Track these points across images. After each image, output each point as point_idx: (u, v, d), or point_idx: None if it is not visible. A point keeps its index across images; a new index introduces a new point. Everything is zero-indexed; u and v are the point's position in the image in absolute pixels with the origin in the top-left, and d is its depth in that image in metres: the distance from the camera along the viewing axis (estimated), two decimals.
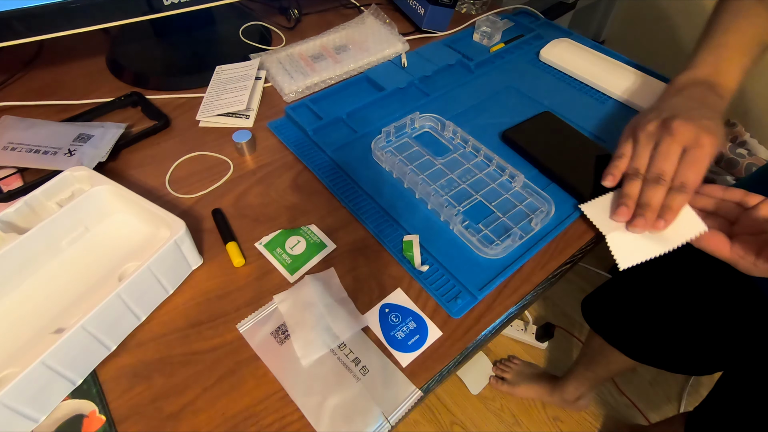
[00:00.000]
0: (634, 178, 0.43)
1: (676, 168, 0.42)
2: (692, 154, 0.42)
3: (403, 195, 0.49)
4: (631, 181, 0.43)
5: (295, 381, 0.35)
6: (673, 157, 0.42)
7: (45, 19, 0.50)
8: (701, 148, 0.41)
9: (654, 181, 0.42)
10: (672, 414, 1.07)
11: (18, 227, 0.40)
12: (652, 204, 0.41)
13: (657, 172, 0.42)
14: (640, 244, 0.42)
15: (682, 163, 0.42)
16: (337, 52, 0.66)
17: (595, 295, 0.79)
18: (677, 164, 0.42)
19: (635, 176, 0.43)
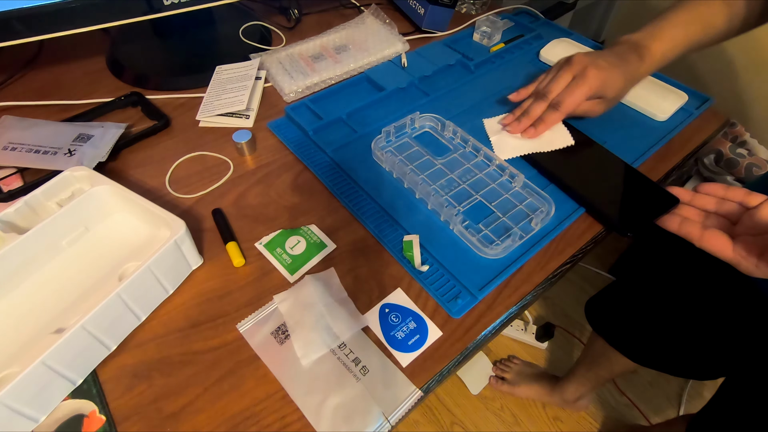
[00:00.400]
0: (530, 98, 0.53)
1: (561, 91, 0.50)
2: (575, 81, 0.50)
3: (403, 195, 0.49)
4: (528, 100, 0.54)
5: (295, 381, 0.35)
6: (561, 82, 0.51)
7: (45, 19, 0.50)
8: (583, 78, 0.49)
9: (538, 97, 0.52)
10: (672, 414, 1.07)
11: (18, 227, 0.40)
12: (530, 114, 0.52)
13: (544, 91, 0.52)
14: (515, 144, 0.52)
15: (566, 88, 0.50)
16: (337, 52, 0.66)
17: (599, 297, 0.79)
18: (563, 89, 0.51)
19: (532, 95, 0.54)
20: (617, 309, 0.75)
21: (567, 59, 0.52)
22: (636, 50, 0.51)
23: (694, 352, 0.65)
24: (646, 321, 0.69)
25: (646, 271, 0.71)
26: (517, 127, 0.52)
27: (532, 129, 0.51)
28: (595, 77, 0.49)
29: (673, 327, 0.65)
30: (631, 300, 0.72)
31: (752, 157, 0.95)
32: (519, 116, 0.53)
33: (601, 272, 1.30)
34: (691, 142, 0.57)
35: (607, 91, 0.50)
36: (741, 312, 0.59)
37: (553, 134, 0.52)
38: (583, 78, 0.49)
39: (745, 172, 0.95)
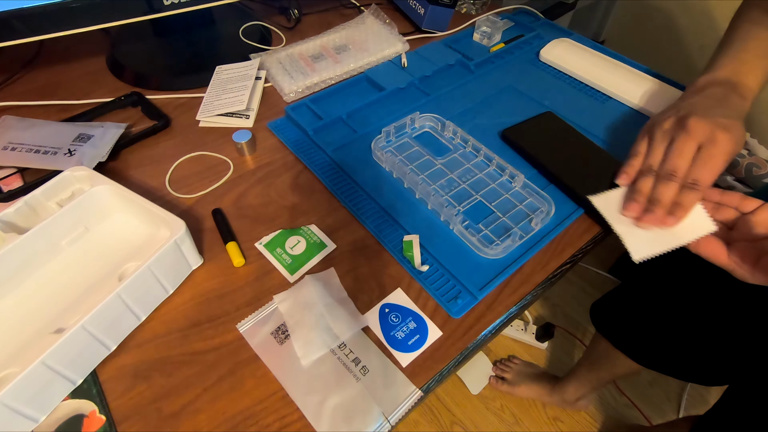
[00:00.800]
0: (647, 175, 0.43)
1: (690, 165, 0.41)
2: (706, 151, 0.41)
3: (403, 195, 0.49)
4: (643, 177, 0.43)
5: (295, 381, 0.35)
6: (687, 154, 0.42)
7: (45, 19, 0.50)
8: (716, 146, 0.41)
9: (666, 178, 0.41)
10: (672, 414, 1.07)
11: (18, 227, 0.40)
12: (663, 200, 0.41)
13: (669, 168, 0.42)
14: (651, 239, 0.41)
15: (695, 161, 0.41)
16: (337, 52, 0.66)
17: (605, 300, 0.79)
18: (691, 162, 0.42)
19: (648, 173, 0.43)
20: (623, 312, 0.75)
21: (678, 124, 0.44)
22: (734, 91, 0.47)
23: (700, 356, 0.65)
24: (652, 324, 0.69)
25: (652, 274, 0.71)
26: (653, 219, 0.41)
27: (671, 218, 0.40)
28: (729, 141, 0.41)
29: (679, 330, 0.65)
30: (638, 303, 0.72)
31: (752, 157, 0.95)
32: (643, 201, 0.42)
33: (601, 272, 1.30)
34: None
35: (738, 149, 0.43)
36: (748, 317, 0.59)
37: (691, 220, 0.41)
38: (715, 146, 0.41)
39: (745, 172, 0.95)
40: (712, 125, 0.42)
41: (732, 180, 0.98)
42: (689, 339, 0.65)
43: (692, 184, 0.41)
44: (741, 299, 0.59)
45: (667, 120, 0.45)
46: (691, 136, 0.42)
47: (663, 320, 0.67)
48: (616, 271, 1.28)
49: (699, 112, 0.43)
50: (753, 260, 0.36)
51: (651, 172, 0.43)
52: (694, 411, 1.07)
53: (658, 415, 1.07)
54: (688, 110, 0.44)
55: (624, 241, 0.42)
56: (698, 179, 0.41)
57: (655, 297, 0.69)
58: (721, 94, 0.46)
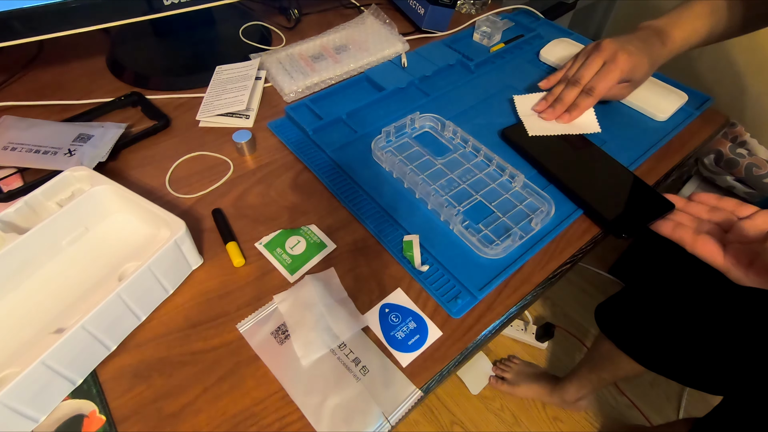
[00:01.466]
0: (561, 83, 0.55)
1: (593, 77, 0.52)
2: (606, 66, 0.52)
3: (403, 195, 0.49)
4: (558, 85, 0.56)
5: (295, 381, 0.35)
6: (592, 67, 0.53)
7: (45, 19, 0.50)
8: (614, 63, 0.51)
9: (571, 83, 0.54)
10: (672, 414, 1.07)
11: (18, 227, 0.40)
12: (564, 100, 0.54)
13: (576, 77, 0.54)
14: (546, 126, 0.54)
15: (597, 73, 0.52)
16: (337, 52, 0.66)
17: (610, 302, 0.79)
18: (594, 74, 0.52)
19: (563, 81, 0.55)
20: (628, 314, 0.75)
21: (595, 45, 0.54)
22: (658, 36, 0.53)
23: (703, 360, 0.65)
24: (657, 326, 0.69)
25: (657, 277, 0.71)
26: (552, 114, 0.54)
27: (566, 114, 0.53)
28: (626, 62, 0.51)
29: (684, 333, 0.65)
30: (643, 305, 0.72)
31: (752, 157, 0.95)
32: (552, 102, 0.54)
33: (601, 272, 1.30)
34: (691, 142, 0.57)
35: (636, 75, 0.52)
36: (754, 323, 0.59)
37: (583, 119, 0.54)
38: (614, 63, 0.51)
39: (745, 172, 0.95)
40: (617, 47, 0.52)
41: (732, 180, 0.98)
42: (694, 342, 0.65)
43: (588, 89, 0.53)
44: (747, 304, 0.59)
45: (593, 43, 0.55)
46: (600, 54, 0.52)
47: (668, 323, 0.67)
48: (616, 271, 1.28)
49: (618, 40, 0.53)
50: (747, 262, 0.37)
51: (563, 81, 0.55)
52: (694, 412, 1.07)
53: (658, 416, 1.07)
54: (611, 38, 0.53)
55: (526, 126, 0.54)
56: (593, 86, 0.52)
57: (661, 300, 0.69)
58: (646, 35, 0.54)
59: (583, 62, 0.54)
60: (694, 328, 0.64)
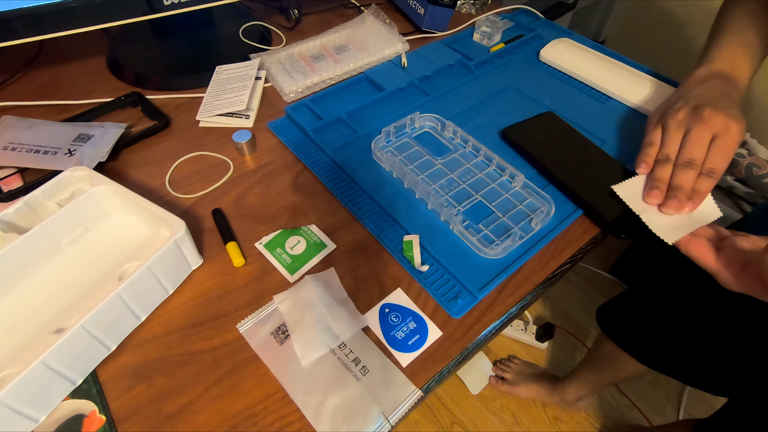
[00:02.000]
0: (666, 163, 0.45)
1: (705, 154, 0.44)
2: (721, 141, 0.44)
3: (403, 195, 0.49)
4: (663, 165, 0.45)
5: (295, 381, 0.35)
6: (704, 143, 0.44)
7: (45, 19, 0.50)
8: (729, 136, 0.44)
9: (685, 166, 0.44)
10: (672, 414, 1.07)
11: (18, 227, 0.40)
12: (684, 187, 0.44)
13: (689, 157, 0.44)
14: (674, 223, 0.44)
15: (711, 150, 0.44)
16: (337, 52, 0.66)
17: (612, 303, 0.79)
18: (707, 150, 0.44)
19: (666, 161, 0.45)
20: (630, 314, 0.75)
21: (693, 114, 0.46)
22: (731, 83, 0.49)
23: (706, 359, 0.65)
24: (659, 326, 0.69)
25: (659, 277, 0.71)
26: (678, 206, 0.43)
27: (691, 203, 0.43)
28: (740, 132, 0.44)
29: (687, 333, 0.65)
30: (645, 306, 0.72)
31: (752, 157, 0.95)
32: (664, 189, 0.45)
33: (602, 272, 1.30)
34: None
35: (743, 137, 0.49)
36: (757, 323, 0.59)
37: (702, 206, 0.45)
38: (729, 135, 0.44)
39: (745, 172, 0.95)
40: (726, 116, 0.44)
41: (732, 180, 0.98)
42: (697, 342, 0.65)
43: (709, 171, 0.44)
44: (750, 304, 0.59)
45: (680, 110, 0.47)
46: (707, 126, 0.44)
47: (671, 323, 0.67)
48: (616, 271, 1.28)
49: (710, 103, 0.46)
50: (739, 267, 0.37)
51: (668, 160, 0.45)
52: (694, 412, 1.07)
53: (658, 416, 1.07)
54: (698, 101, 0.47)
55: (651, 227, 0.44)
56: (714, 167, 0.44)
57: (663, 300, 0.69)
58: (720, 85, 0.48)
59: (690, 137, 0.45)
60: (697, 328, 0.64)
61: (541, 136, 0.54)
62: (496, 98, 0.61)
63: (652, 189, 0.45)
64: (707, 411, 0.68)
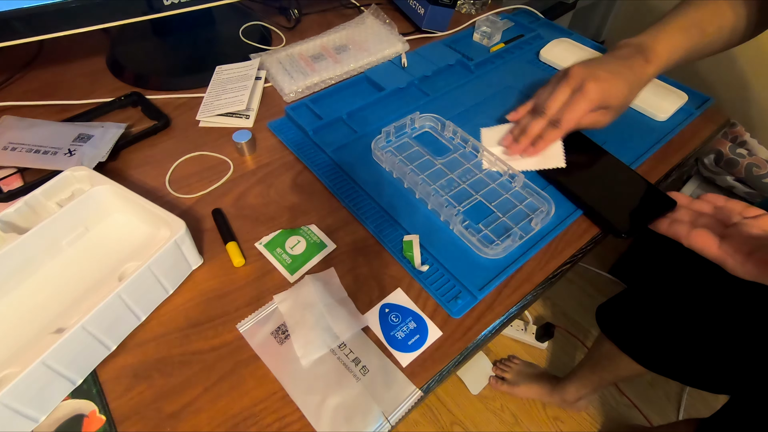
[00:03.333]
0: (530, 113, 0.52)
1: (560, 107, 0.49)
2: (574, 97, 0.48)
3: (403, 195, 0.49)
4: (527, 116, 0.52)
5: (295, 381, 0.35)
6: (559, 98, 0.49)
7: (45, 19, 0.50)
8: (582, 93, 0.47)
9: (537, 115, 0.50)
10: (672, 414, 1.07)
11: (18, 227, 0.40)
12: (529, 133, 0.50)
13: (542, 108, 0.49)
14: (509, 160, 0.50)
15: (565, 103, 0.48)
16: (337, 52, 0.66)
17: (611, 303, 0.79)
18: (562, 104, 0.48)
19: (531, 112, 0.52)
20: (629, 315, 0.75)
21: (564, 72, 0.50)
22: (641, 52, 0.49)
23: (706, 361, 0.65)
24: (659, 327, 0.69)
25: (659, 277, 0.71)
26: (517, 149, 0.50)
27: (531, 148, 0.50)
28: (595, 90, 0.47)
29: (686, 334, 0.65)
30: (644, 306, 0.72)
31: (752, 157, 0.95)
32: (517, 135, 0.51)
33: (602, 272, 1.30)
34: (691, 142, 0.57)
35: (611, 101, 0.48)
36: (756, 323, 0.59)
37: (549, 152, 0.50)
38: (582, 92, 0.47)
39: (745, 172, 0.95)
40: (585, 74, 0.48)
41: (732, 180, 0.98)
42: (696, 343, 0.64)
43: (555, 122, 0.49)
44: (750, 302, 0.59)
45: (563, 70, 0.51)
46: (567, 82, 0.48)
47: (670, 324, 0.67)
48: (616, 271, 1.28)
49: (588, 63, 0.49)
50: (745, 253, 0.37)
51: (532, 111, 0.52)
52: (694, 412, 1.07)
53: (658, 416, 1.07)
54: (583, 62, 0.50)
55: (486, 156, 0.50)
56: (560, 119, 0.48)
57: (662, 300, 0.69)
58: (627, 53, 0.50)
59: (551, 91, 0.49)
60: (697, 328, 0.64)
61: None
62: (496, 98, 0.61)
63: (507, 133, 0.52)
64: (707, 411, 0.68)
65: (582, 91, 0.47)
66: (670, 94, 0.60)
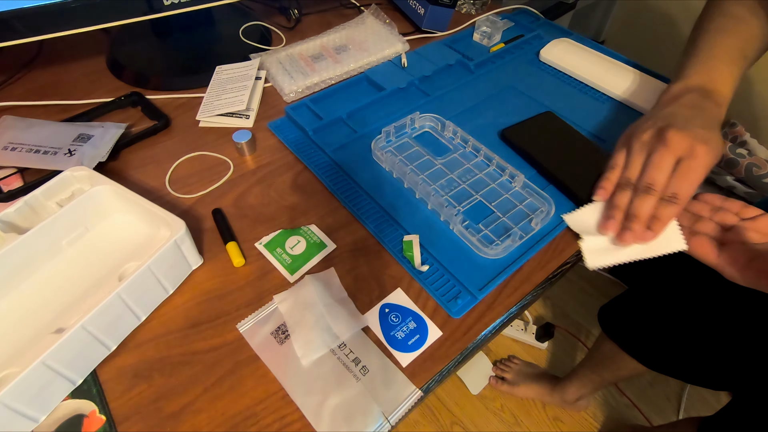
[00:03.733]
0: (625, 188, 0.42)
1: (668, 179, 0.41)
2: (686, 164, 0.41)
3: (403, 195, 0.49)
4: (621, 191, 0.42)
5: (295, 381, 0.35)
6: (665, 167, 0.41)
7: (45, 19, 0.50)
8: (695, 159, 0.40)
9: (644, 191, 0.41)
10: (672, 414, 1.07)
11: (18, 227, 0.40)
12: (641, 215, 0.40)
13: (647, 182, 0.41)
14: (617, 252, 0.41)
15: (674, 174, 0.41)
16: (337, 52, 0.66)
17: (613, 303, 0.79)
18: (670, 175, 0.41)
19: (626, 186, 0.42)
20: (632, 315, 0.75)
21: (657, 136, 0.43)
22: (709, 97, 0.46)
23: (709, 359, 0.65)
24: (661, 327, 0.69)
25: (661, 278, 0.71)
26: (633, 238, 0.40)
27: (650, 233, 0.40)
28: (707, 154, 0.40)
29: (688, 333, 0.65)
30: (646, 306, 0.72)
31: (752, 157, 0.95)
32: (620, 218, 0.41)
33: (601, 272, 1.30)
34: None
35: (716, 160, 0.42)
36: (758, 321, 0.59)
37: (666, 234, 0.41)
38: (695, 159, 0.40)
39: (745, 172, 0.95)
40: (690, 138, 0.41)
41: (732, 180, 0.98)
42: (699, 341, 0.64)
43: (671, 197, 0.40)
44: (752, 300, 0.59)
45: (646, 132, 0.44)
46: (670, 149, 0.41)
47: (673, 323, 0.67)
48: (616, 272, 1.28)
49: (677, 123, 0.43)
50: (744, 262, 0.37)
51: (628, 185, 0.42)
52: (694, 412, 1.07)
53: (658, 416, 1.07)
54: (665, 121, 0.43)
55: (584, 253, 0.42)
56: (677, 193, 0.40)
57: (665, 300, 0.69)
58: (696, 102, 0.45)
59: (651, 161, 0.42)
60: (699, 327, 0.64)
61: (540, 136, 0.54)
62: (496, 98, 0.61)
63: (607, 219, 0.42)
64: (707, 410, 0.68)
65: (695, 157, 0.40)
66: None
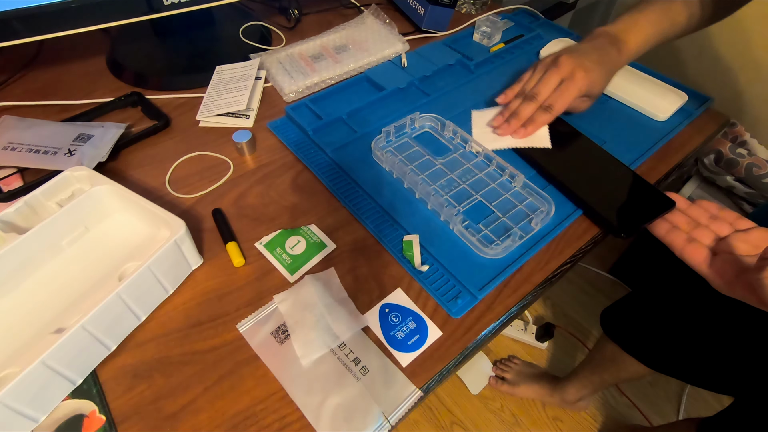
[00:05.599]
0: (519, 97, 0.54)
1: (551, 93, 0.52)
2: (565, 84, 0.51)
3: (403, 195, 0.49)
4: (516, 99, 0.54)
5: (295, 381, 0.35)
6: (551, 84, 0.51)
7: (45, 19, 0.50)
8: (572, 81, 0.51)
9: (528, 99, 0.52)
10: (672, 414, 1.07)
11: (18, 227, 0.40)
12: (521, 116, 0.52)
13: (533, 92, 0.52)
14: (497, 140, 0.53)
15: (555, 90, 0.51)
16: (337, 52, 0.66)
17: (615, 306, 0.79)
18: (553, 90, 0.51)
19: (520, 96, 0.54)
20: (634, 318, 0.75)
21: (553, 60, 0.53)
22: (614, 44, 0.53)
23: (711, 361, 0.65)
24: (663, 329, 0.69)
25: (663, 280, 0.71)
26: (507, 129, 0.53)
27: (522, 129, 0.52)
28: (584, 79, 0.50)
29: (691, 335, 0.65)
30: (649, 309, 0.72)
31: (752, 157, 0.95)
32: (508, 117, 0.53)
33: (602, 272, 1.30)
34: (691, 142, 0.57)
35: (594, 90, 0.52)
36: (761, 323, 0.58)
37: (536, 134, 0.53)
38: (573, 81, 0.51)
39: (745, 172, 0.95)
40: (575, 64, 0.51)
41: (732, 180, 0.98)
42: (702, 343, 0.64)
43: (547, 107, 0.52)
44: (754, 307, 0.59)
45: (551, 56, 0.54)
46: (558, 70, 0.51)
47: (675, 325, 0.67)
48: (616, 271, 1.28)
49: (574, 53, 0.52)
50: (733, 274, 0.37)
51: (522, 95, 0.54)
52: (694, 412, 1.07)
53: (658, 416, 1.07)
54: (569, 51, 0.52)
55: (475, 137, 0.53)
56: (551, 104, 0.51)
57: (667, 301, 0.69)
58: (603, 44, 0.53)
59: (541, 77, 0.52)
60: (703, 328, 0.64)
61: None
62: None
63: (498, 114, 0.54)
64: (707, 411, 0.68)
65: (573, 79, 0.50)
66: (670, 94, 0.60)
